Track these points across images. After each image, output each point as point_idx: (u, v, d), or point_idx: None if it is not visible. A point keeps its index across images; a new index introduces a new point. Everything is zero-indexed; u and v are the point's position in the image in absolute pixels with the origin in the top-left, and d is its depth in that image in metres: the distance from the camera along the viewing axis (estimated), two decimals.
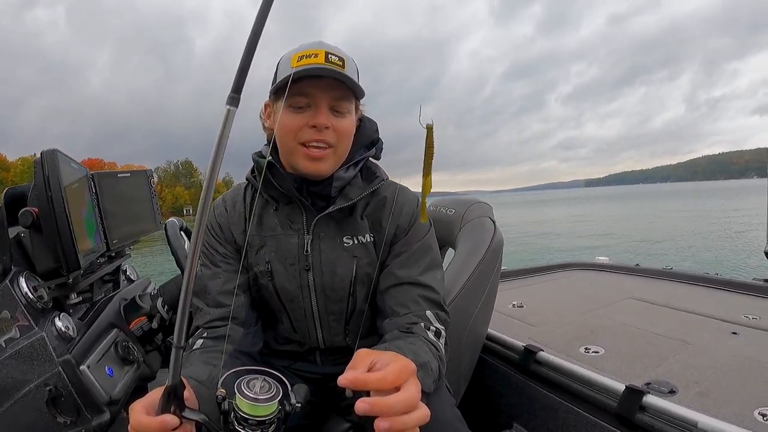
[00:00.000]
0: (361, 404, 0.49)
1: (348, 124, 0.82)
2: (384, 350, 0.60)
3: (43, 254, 0.98)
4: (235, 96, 0.43)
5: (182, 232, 1.30)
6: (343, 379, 0.51)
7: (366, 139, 0.91)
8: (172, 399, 0.51)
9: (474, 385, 1.38)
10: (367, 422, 0.50)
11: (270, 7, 0.42)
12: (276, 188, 0.86)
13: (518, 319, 1.74)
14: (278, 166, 0.84)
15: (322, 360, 0.95)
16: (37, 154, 0.97)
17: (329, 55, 0.76)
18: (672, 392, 1.08)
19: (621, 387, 1.07)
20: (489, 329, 1.49)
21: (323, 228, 0.87)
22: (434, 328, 0.80)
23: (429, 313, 0.82)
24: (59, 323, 0.93)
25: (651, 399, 1.01)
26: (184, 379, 0.52)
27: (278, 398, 0.55)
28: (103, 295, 1.29)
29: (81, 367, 0.90)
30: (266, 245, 0.88)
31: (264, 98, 0.88)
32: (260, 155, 0.89)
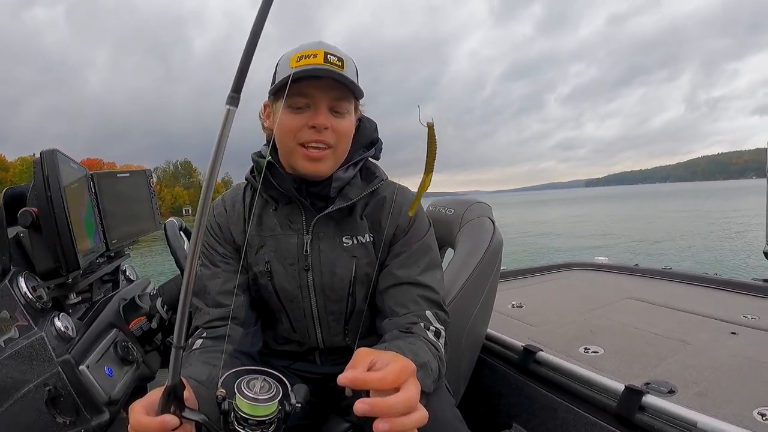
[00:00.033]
0: (361, 405, 0.48)
1: (347, 125, 0.82)
2: (384, 350, 0.60)
3: (43, 254, 0.98)
4: (235, 95, 0.42)
5: (181, 233, 1.30)
6: (343, 378, 0.51)
7: (365, 139, 0.91)
8: (172, 399, 0.51)
9: (473, 385, 1.38)
10: (367, 422, 0.50)
11: (270, 7, 0.42)
12: (275, 188, 0.86)
13: (517, 319, 1.74)
14: (278, 166, 0.84)
15: (322, 360, 0.95)
16: (37, 154, 0.96)
17: (328, 56, 0.76)
18: (671, 392, 1.08)
19: (620, 387, 1.07)
20: (488, 329, 1.49)
21: (322, 228, 0.87)
22: (434, 328, 0.80)
23: (429, 313, 0.82)
24: (58, 323, 0.92)
25: (650, 399, 1.01)
26: (184, 379, 0.52)
27: (278, 398, 0.55)
28: (103, 295, 1.28)
29: (80, 367, 0.90)
30: (265, 245, 0.88)
31: (263, 99, 0.88)
32: (260, 155, 0.89)
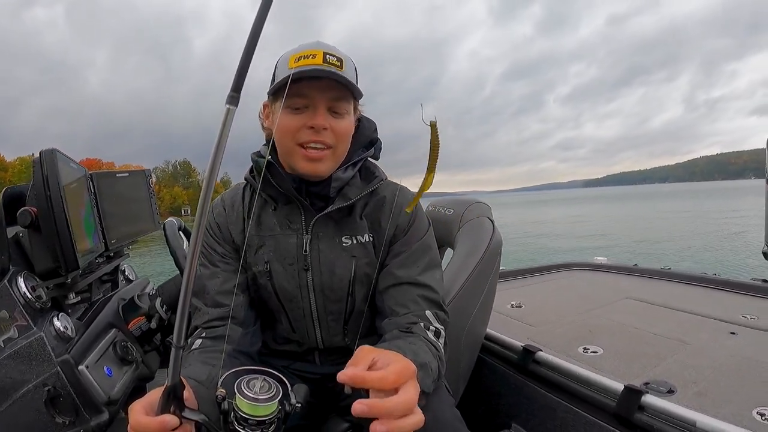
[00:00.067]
0: (359, 405, 0.49)
1: (346, 125, 0.82)
2: (385, 349, 0.60)
3: (42, 254, 0.98)
4: (235, 95, 0.42)
5: (181, 232, 1.29)
6: (343, 375, 0.51)
7: (365, 139, 0.91)
8: (172, 399, 0.51)
9: (473, 385, 1.38)
10: (366, 423, 0.50)
11: (270, 6, 0.42)
12: (275, 188, 0.86)
13: (517, 319, 1.74)
14: (277, 166, 0.84)
15: (321, 360, 0.95)
16: (36, 154, 0.96)
17: (327, 56, 0.76)
18: (670, 392, 1.08)
19: (620, 387, 1.07)
20: (488, 329, 1.49)
21: (322, 228, 0.87)
22: (434, 328, 0.80)
23: (428, 313, 0.82)
24: (58, 323, 0.92)
25: (650, 399, 1.01)
26: (184, 379, 0.52)
27: (278, 398, 0.55)
28: (102, 295, 1.28)
29: (79, 367, 0.90)
30: (265, 245, 0.88)
31: (262, 99, 0.87)
32: (259, 155, 0.89)
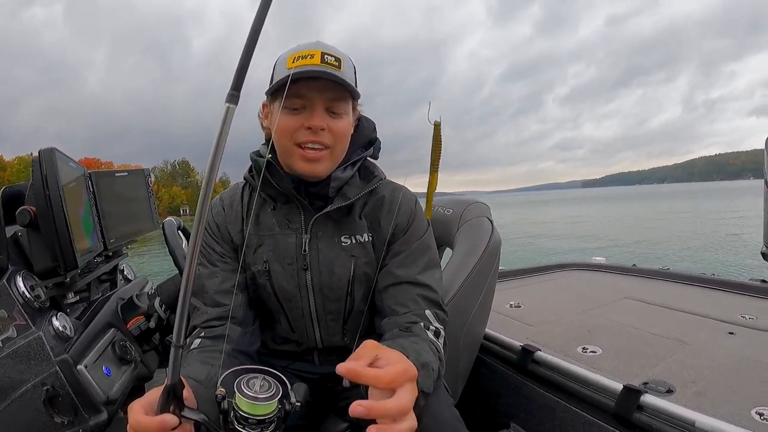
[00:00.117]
0: (358, 407, 0.49)
1: (344, 125, 0.81)
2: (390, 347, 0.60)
3: (41, 253, 0.97)
4: (235, 93, 0.42)
5: (180, 232, 1.29)
6: (342, 367, 0.51)
7: (364, 139, 0.91)
8: (171, 398, 0.50)
9: (471, 385, 1.39)
10: (365, 422, 0.50)
11: (270, 2, 0.42)
12: (274, 187, 0.86)
13: (516, 319, 1.74)
14: (276, 166, 0.84)
15: (320, 360, 0.95)
16: (35, 153, 0.96)
17: (325, 56, 0.75)
18: (669, 392, 1.08)
19: (619, 386, 1.07)
20: (486, 329, 1.49)
21: (321, 227, 0.86)
22: (434, 328, 0.80)
23: (428, 313, 0.82)
24: (56, 323, 0.92)
25: (648, 398, 1.02)
26: (183, 379, 0.52)
27: (278, 397, 0.55)
28: (101, 295, 1.28)
29: (78, 367, 0.89)
30: (264, 244, 0.88)
31: (262, 98, 0.87)
32: (258, 154, 0.88)
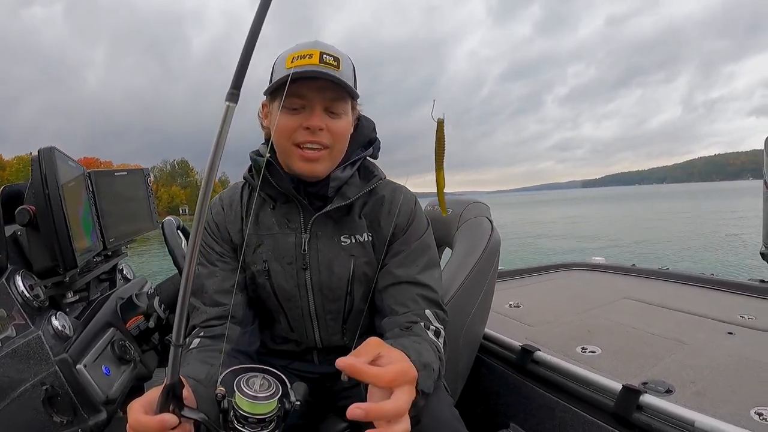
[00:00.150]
0: (357, 410, 0.49)
1: (343, 125, 0.81)
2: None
3: (40, 252, 0.97)
4: (235, 92, 0.42)
5: (179, 231, 1.29)
6: (342, 362, 0.51)
7: (363, 139, 0.91)
8: (171, 398, 0.50)
9: (471, 385, 1.39)
10: (364, 422, 0.50)
11: (270, 2, 0.42)
12: (274, 187, 0.86)
13: (515, 319, 1.74)
14: (276, 166, 0.83)
15: (320, 359, 0.95)
16: (34, 153, 0.95)
17: (324, 56, 0.75)
18: (669, 392, 1.08)
19: (618, 386, 1.07)
20: (486, 329, 1.49)
21: (321, 227, 0.86)
22: (434, 328, 0.80)
23: (428, 312, 0.82)
24: (56, 322, 0.92)
25: (648, 398, 1.02)
26: (183, 378, 0.52)
27: (278, 396, 0.55)
28: (100, 294, 1.28)
29: (77, 366, 0.89)
30: (263, 244, 0.88)
31: (261, 98, 0.87)
32: (258, 154, 0.88)
